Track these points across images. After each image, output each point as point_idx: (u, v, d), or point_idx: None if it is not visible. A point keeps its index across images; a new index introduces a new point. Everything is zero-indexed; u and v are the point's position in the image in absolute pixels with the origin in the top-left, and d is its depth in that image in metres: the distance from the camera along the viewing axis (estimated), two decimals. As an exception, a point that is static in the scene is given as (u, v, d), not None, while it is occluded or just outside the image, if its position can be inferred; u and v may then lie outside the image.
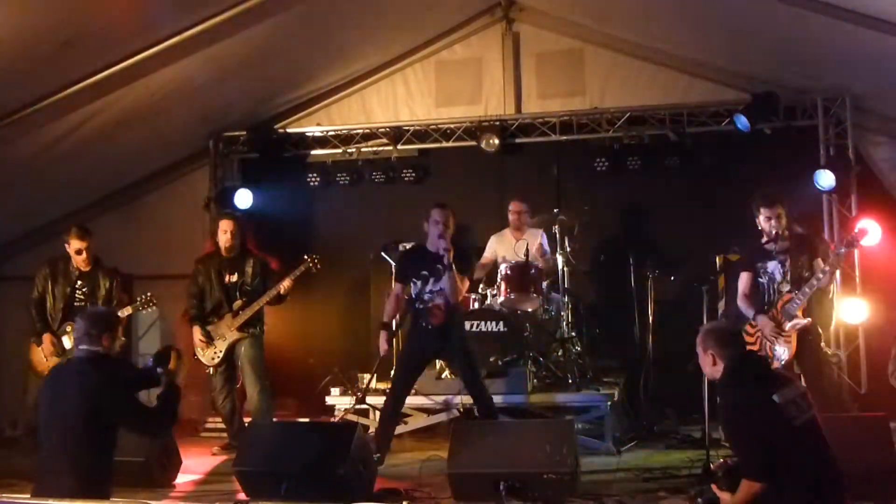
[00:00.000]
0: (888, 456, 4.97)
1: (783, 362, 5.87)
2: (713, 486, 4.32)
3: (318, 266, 7.18)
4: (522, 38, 9.07)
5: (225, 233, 7.20)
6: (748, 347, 6.09)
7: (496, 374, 7.19)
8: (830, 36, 6.74)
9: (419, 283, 6.40)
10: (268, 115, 9.24)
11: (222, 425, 7.56)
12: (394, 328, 6.78)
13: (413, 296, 6.46)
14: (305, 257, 7.17)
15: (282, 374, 7.91)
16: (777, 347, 5.91)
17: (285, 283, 7.02)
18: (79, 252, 6.83)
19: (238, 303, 7.12)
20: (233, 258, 7.22)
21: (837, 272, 6.19)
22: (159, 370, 4.64)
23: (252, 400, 7.07)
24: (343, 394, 7.68)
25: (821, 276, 5.87)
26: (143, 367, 5.75)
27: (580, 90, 8.91)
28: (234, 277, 7.18)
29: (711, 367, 4.20)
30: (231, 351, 7.14)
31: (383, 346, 6.54)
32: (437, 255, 6.29)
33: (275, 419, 7.26)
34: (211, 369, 7.17)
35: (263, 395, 7.06)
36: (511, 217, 8.09)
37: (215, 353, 7.13)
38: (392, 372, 7.07)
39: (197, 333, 7.15)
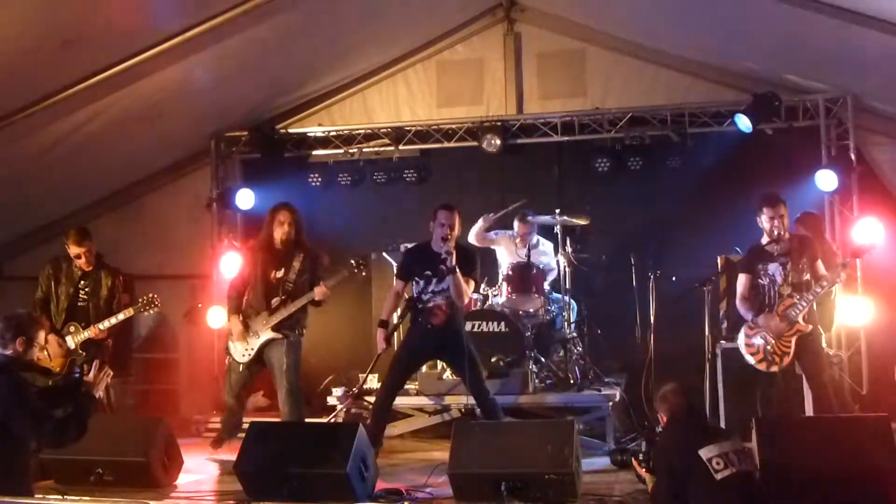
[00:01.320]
0: (890, 457, 4.96)
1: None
2: (634, 462, 4.58)
3: (364, 272, 6.72)
4: (524, 38, 9.07)
5: (282, 224, 6.75)
6: (747, 350, 6.09)
7: (498, 374, 7.20)
8: (832, 36, 6.74)
9: (422, 282, 6.39)
10: (269, 115, 9.23)
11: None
12: (392, 326, 6.75)
13: (415, 295, 6.45)
14: (352, 262, 6.71)
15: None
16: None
17: (318, 290, 6.60)
18: (78, 256, 6.80)
19: (276, 300, 6.70)
20: (282, 252, 6.79)
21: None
22: (76, 376, 4.64)
23: (283, 410, 6.73)
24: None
25: (825, 284, 5.88)
26: (63, 379, 5.77)
27: (581, 91, 8.91)
28: (280, 273, 6.73)
29: (663, 424, 4.40)
30: (262, 351, 6.81)
31: (381, 344, 6.53)
32: (441, 256, 6.28)
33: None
34: (241, 367, 6.83)
35: (295, 406, 6.67)
36: (517, 238, 8.08)
37: (247, 349, 6.76)
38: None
39: (235, 324, 6.77)
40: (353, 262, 6.74)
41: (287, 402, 6.69)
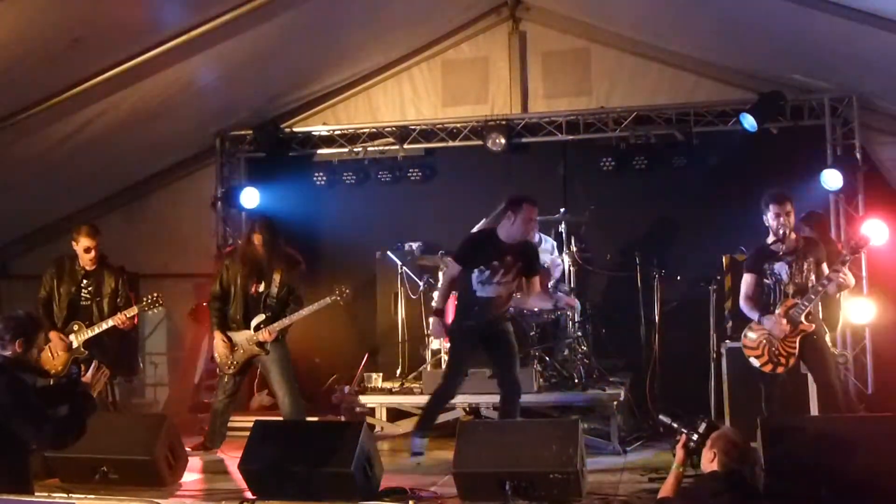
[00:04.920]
0: (896, 457, 4.94)
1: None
2: (684, 436, 4.41)
3: (348, 299, 6.87)
4: (529, 37, 9.07)
5: (258, 245, 6.84)
6: (751, 353, 6.07)
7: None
8: (838, 35, 6.72)
9: (487, 271, 6.21)
10: (274, 113, 9.24)
11: (232, 425, 7.52)
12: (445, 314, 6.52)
13: (475, 283, 6.25)
14: (336, 290, 6.85)
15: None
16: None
17: (303, 313, 6.79)
18: (87, 250, 6.82)
19: (260, 317, 6.79)
20: (263, 263, 6.85)
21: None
22: (73, 376, 4.65)
23: (283, 405, 6.79)
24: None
25: (825, 282, 5.86)
26: (64, 378, 5.77)
27: (586, 89, 8.91)
28: (261, 287, 6.83)
29: (709, 462, 4.23)
30: (249, 361, 6.89)
31: (439, 333, 6.39)
32: (510, 247, 6.16)
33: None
34: (226, 377, 6.93)
35: (293, 398, 6.77)
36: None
37: (232, 363, 6.83)
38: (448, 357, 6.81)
39: (220, 340, 6.83)
40: (337, 290, 6.85)
41: (287, 400, 6.78)
